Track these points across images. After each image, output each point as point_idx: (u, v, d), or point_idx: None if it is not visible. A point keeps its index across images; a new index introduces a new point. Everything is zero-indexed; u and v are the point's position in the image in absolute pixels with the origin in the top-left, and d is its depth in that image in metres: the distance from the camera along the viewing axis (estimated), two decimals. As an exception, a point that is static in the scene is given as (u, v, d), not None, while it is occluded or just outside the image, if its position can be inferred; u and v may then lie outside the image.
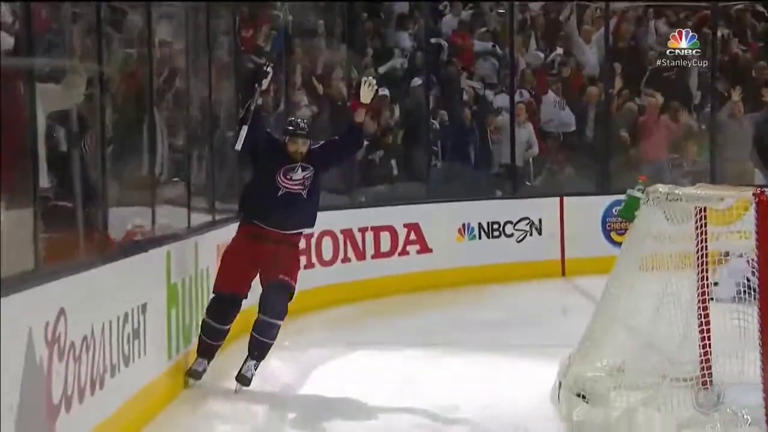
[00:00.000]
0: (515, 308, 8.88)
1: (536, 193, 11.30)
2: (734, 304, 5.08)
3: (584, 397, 5.20)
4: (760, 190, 4.87)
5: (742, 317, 4.97)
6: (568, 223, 10.92)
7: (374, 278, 9.45)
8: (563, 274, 10.79)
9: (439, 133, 10.97)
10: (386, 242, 9.71)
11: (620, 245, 6.19)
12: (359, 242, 9.46)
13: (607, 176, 11.42)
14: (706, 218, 5.33)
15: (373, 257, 9.58)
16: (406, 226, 9.86)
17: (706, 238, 5.33)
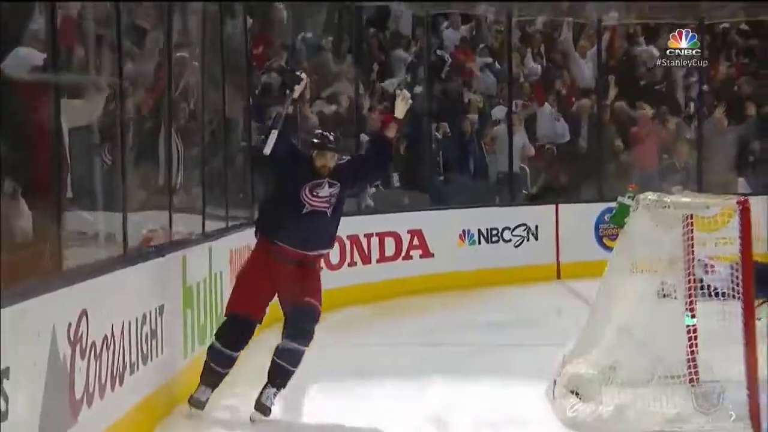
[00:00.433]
0: (513, 310, 8.89)
1: (533, 200, 11.34)
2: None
3: (578, 394, 5.21)
4: (743, 198, 4.89)
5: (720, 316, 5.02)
6: (562, 229, 10.95)
7: (379, 281, 9.47)
8: (558, 277, 10.80)
9: (441, 143, 11.00)
10: (391, 247, 9.74)
11: (612, 250, 6.18)
12: (365, 247, 9.49)
13: (599, 185, 11.46)
14: (693, 225, 5.37)
15: (378, 261, 9.62)
16: (409, 232, 9.89)
17: (693, 243, 5.36)
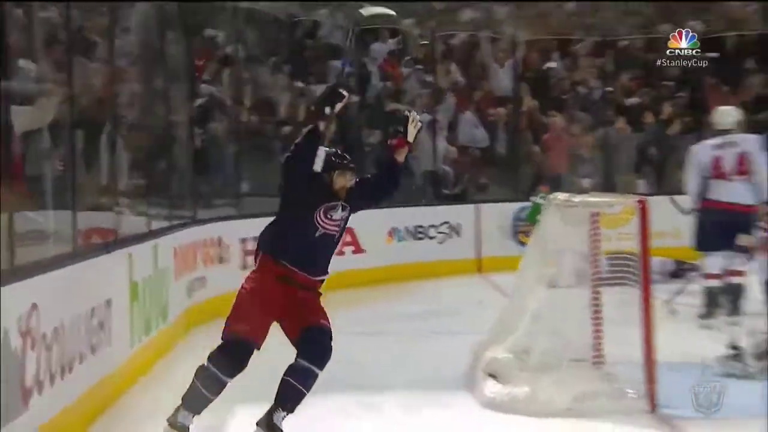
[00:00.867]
0: (437, 301, 8.96)
1: (455, 200, 11.44)
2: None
3: (495, 377, 5.26)
4: (642, 198, 5.01)
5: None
6: (483, 226, 11.06)
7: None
8: (479, 271, 10.89)
9: (372, 148, 11.02)
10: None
11: (527, 245, 6.26)
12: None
13: (516, 186, 11.63)
14: (598, 222, 5.47)
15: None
16: (342, 229, 9.89)
17: (599, 238, 5.46)
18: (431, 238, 10.78)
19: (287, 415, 4.39)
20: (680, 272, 8.65)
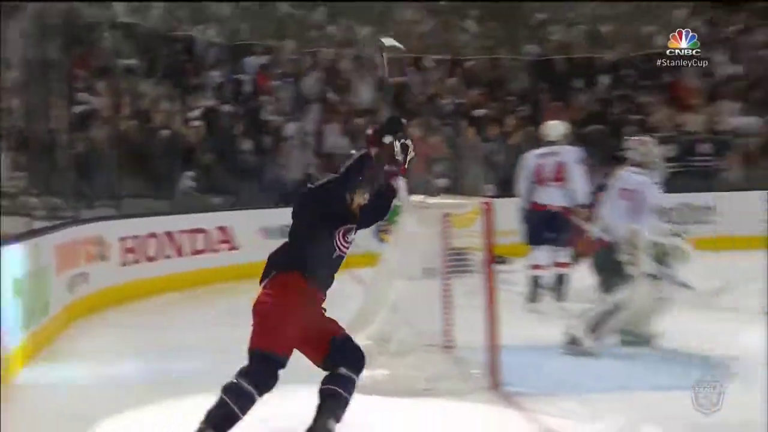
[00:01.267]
0: (305, 294, 8.96)
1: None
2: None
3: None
4: (487, 201, 5.20)
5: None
6: (348, 225, 11.13)
7: (192, 271, 9.32)
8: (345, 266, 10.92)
9: (246, 154, 10.96)
10: (201, 242, 9.61)
11: (386, 242, 6.38)
12: (178, 242, 9.32)
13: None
14: (449, 222, 5.64)
15: (192, 254, 9.44)
16: (218, 228, 9.79)
17: (449, 236, 5.63)
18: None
19: (336, 423, 4.07)
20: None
